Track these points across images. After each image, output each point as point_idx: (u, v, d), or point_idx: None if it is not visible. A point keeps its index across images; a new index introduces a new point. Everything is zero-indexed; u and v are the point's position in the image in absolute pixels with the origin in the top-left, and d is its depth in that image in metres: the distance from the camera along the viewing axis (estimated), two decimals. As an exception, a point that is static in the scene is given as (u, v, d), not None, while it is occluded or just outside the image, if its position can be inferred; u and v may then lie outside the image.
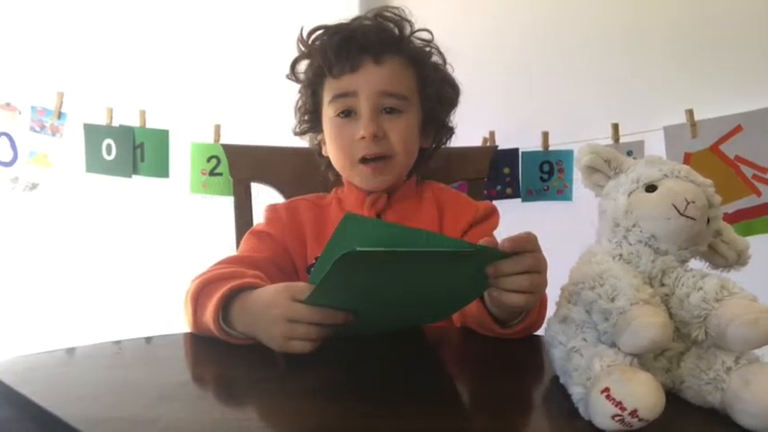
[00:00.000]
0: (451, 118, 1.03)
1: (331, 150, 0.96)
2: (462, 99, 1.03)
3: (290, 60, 1.00)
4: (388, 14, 0.95)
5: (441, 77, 0.99)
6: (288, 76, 1.01)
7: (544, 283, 0.63)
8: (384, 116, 0.91)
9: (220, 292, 0.70)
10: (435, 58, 0.99)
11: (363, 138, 0.89)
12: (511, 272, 0.60)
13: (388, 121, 0.91)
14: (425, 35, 0.98)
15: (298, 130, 1.04)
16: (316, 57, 0.94)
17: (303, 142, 1.42)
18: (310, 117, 1.00)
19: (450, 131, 1.04)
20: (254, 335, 0.68)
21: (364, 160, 0.92)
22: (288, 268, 0.91)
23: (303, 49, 0.98)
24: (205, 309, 0.71)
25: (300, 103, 1.01)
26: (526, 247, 0.60)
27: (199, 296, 0.72)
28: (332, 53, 0.90)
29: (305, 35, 0.97)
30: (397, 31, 0.95)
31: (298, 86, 1.02)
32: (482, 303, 0.70)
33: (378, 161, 0.91)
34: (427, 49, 0.98)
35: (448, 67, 1.00)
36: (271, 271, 0.82)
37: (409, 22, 0.96)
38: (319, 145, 1.03)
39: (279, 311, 0.64)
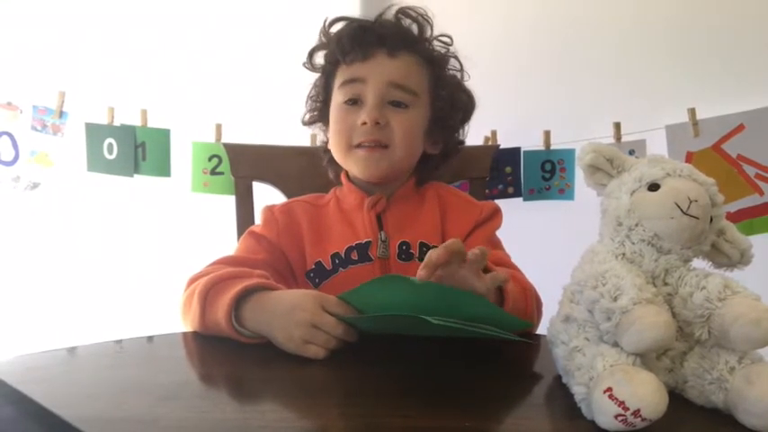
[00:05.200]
0: (464, 130, 1.03)
1: (331, 134, 0.96)
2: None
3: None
4: (411, 13, 0.96)
5: (455, 83, 0.99)
6: (305, 65, 1.01)
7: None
8: (389, 107, 0.91)
9: (234, 290, 0.70)
10: (454, 64, 0.99)
11: (365, 123, 0.89)
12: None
13: (392, 112, 0.91)
14: (446, 40, 0.98)
15: (305, 118, 1.04)
16: (331, 44, 0.94)
17: (305, 141, 1.43)
18: (320, 106, 1.00)
19: (459, 143, 1.03)
20: (269, 334, 0.68)
21: (360, 146, 0.91)
22: (285, 271, 0.90)
23: (323, 39, 0.98)
24: (215, 307, 0.70)
25: (313, 92, 1.02)
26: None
27: (207, 295, 0.72)
28: (347, 40, 0.92)
29: (327, 25, 0.97)
30: (417, 30, 0.95)
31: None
32: None
33: (375, 148, 0.91)
34: (444, 51, 0.98)
35: (465, 75, 1.01)
36: (267, 273, 0.82)
37: (430, 23, 0.96)
38: (327, 141, 1.02)
39: (306, 315, 0.66)
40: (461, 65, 1.00)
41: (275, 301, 0.70)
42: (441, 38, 0.98)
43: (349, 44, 0.91)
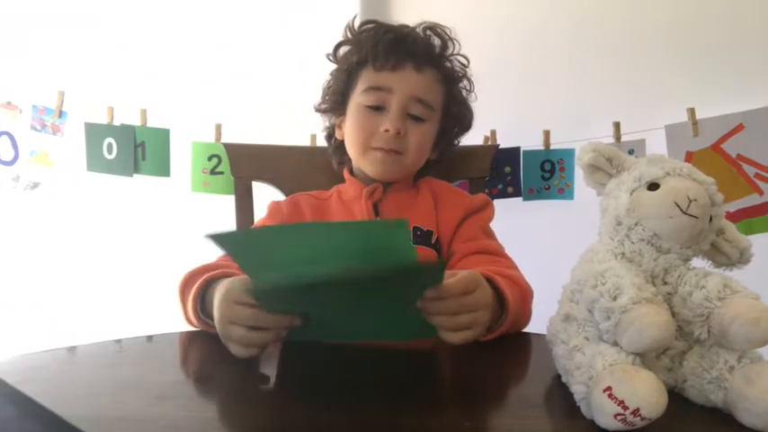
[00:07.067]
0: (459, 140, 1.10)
1: (350, 133, 1.00)
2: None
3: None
4: (439, 31, 1.03)
5: (463, 101, 1.06)
6: (328, 57, 1.07)
7: (481, 322, 0.64)
8: (409, 119, 0.97)
9: (197, 284, 0.72)
10: (465, 83, 1.06)
11: (387, 131, 0.94)
12: (448, 310, 0.60)
13: (411, 124, 0.97)
14: (463, 60, 1.05)
15: (320, 107, 1.09)
16: (364, 46, 1.00)
17: (305, 141, 1.43)
18: (336, 98, 1.05)
19: (454, 148, 1.11)
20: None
21: (378, 149, 0.96)
22: None
23: (350, 35, 1.04)
24: (187, 301, 0.73)
25: (331, 83, 1.07)
26: (469, 287, 0.61)
27: (184, 289, 0.75)
28: (382, 48, 0.97)
29: (355, 24, 1.03)
30: (440, 48, 1.02)
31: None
32: None
33: (390, 152, 0.96)
34: (461, 73, 1.05)
35: (471, 95, 1.07)
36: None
37: (454, 43, 1.03)
38: (333, 128, 1.08)
39: (221, 312, 0.63)
40: (472, 86, 1.07)
41: (216, 293, 0.67)
42: (458, 57, 1.04)
43: (383, 52, 0.96)
